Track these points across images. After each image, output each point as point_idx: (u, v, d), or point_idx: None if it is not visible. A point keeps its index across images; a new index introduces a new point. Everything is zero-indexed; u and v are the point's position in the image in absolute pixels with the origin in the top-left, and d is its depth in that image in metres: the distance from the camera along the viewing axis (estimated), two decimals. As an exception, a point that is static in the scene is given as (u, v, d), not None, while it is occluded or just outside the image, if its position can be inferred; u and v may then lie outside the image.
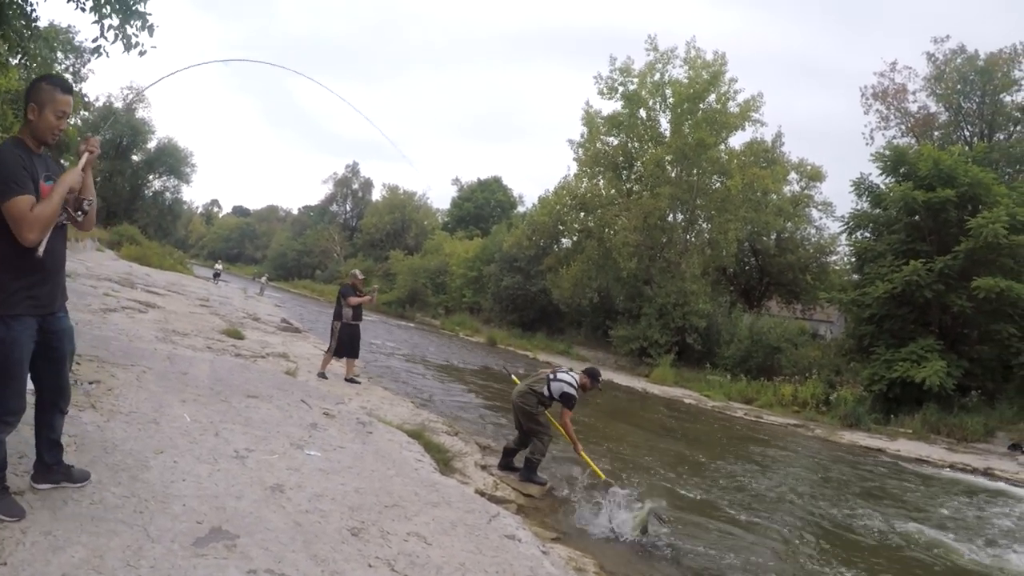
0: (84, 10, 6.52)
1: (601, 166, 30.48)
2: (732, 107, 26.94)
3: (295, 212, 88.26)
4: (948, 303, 16.90)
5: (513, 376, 9.07)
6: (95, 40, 6.61)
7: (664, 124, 28.81)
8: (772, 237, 30.95)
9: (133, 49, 6.64)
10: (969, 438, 15.21)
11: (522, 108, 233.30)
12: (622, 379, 22.03)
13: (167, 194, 54.48)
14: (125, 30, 6.61)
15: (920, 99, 26.74)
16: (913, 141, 25.30)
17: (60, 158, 3.14)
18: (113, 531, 2.88)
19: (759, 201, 27.05)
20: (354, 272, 10.19)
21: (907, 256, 17.55)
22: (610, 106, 30.21)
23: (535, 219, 34.32)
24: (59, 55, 20.78)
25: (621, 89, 28.57)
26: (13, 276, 2.65)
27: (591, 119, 30.12)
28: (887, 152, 19.87)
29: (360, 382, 9.66)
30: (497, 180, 57.39)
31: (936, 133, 26.09)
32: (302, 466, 4.52)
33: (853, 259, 22.04)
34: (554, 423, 6.95)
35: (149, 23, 6.65)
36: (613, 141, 30.40)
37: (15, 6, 7.06)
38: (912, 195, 17.28)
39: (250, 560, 2.95)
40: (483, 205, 54.44)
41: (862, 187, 20.32)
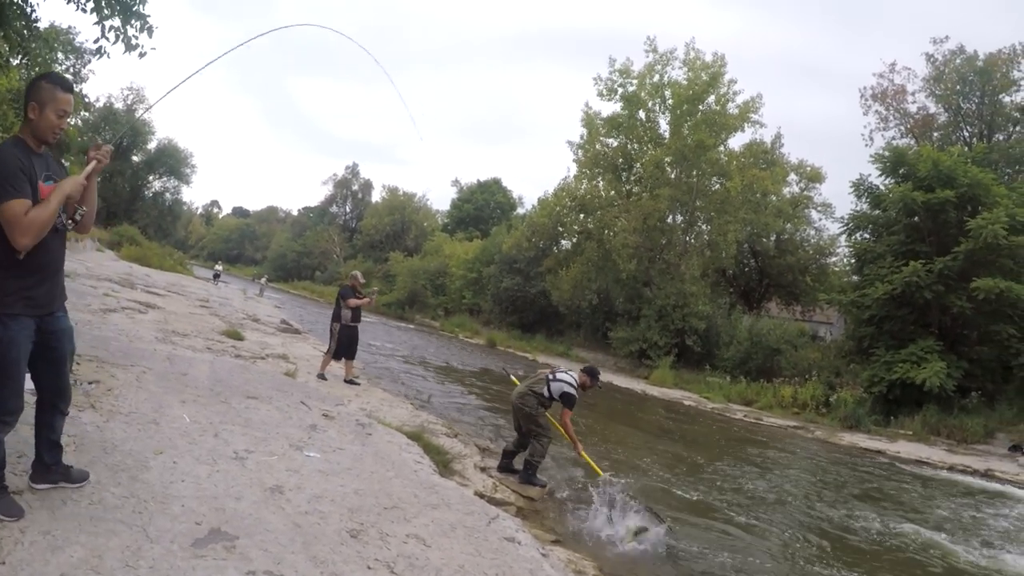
0: (85, 11, 6.53)
1: (601, 167, 30.50)
2: (731, 108, 26.95)
3: (295, 213, 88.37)
4: (948, 304, 16.90)
5: (512, 377, 9.07)
6: (96, 41, 6.63)
7: (663, 125, 28.87)
8: (772, 238, 30.93)
9: (133, 51, 6.65)
10: (969, 439, 15.21)
11: (522, 109, 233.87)
12: (621, 381, 22.02)
13: (167, 195, 54.62)
14: (126, 31, 6.62)
15: (919, 100, 26.81)
16: (912, 142, 25.31)
17: (60, 158, 3.11)
18: (112, 531, 2.88)
19: (759, 202, 27.06)
20: (354, 274, 10.18)
21: (907, 257, 17.55)
22: (609, 107, 30.27)
23: (535, 220, 34.33)
24: (59, 56, 20.81)
25: (620, 91, 28.60)
26: (11, 276, 2.64)
27: (590, 120, 30.14)
28: (886, 153, 19.88)
29: (359, 383, 9.66)
30: (497, 181, 57.43)
31: (935, 134, 26.10)
32: (301, 467, 4.51)
33: (853, 260, 22.03)
34: (554, 423, 6.94)
35: (149, 24, 6.66)
36: (612, 142, 30.43)
37: (15, 7, 7.07)
38: (911, 196, 17.28)
39: (249, 561, 2.95)
40: (483, 206, 54.44)
41: (861, 188, 20.33)
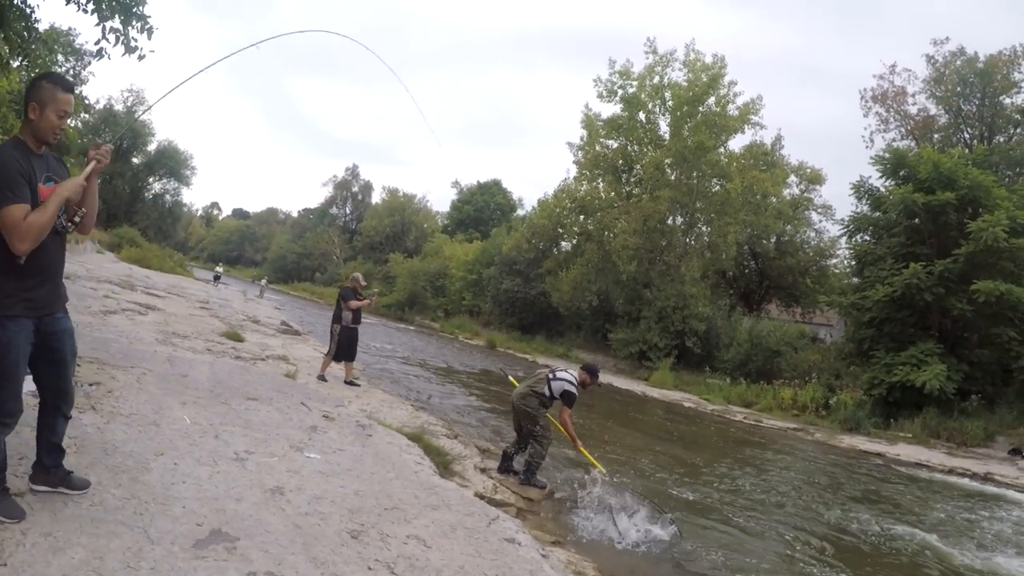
0: (86, 12, 6.53)
1: (600, 169, 30.52)
2: (731, 110, 26.96)
3: (295, 215, 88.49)
4: (948, 306, 16.89)
5: (510, 377, 9.07)
6: (97, 42, 6.63)
7: (663, 127, 28.88)
8: (772, 240, 30.94)
9: (133, 53, 6.65)
10: (969, 442, 15.18)
11: (522, 110, 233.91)
12: (621, 382, 22.01)
13: (167, 196, 54.74)
14: (127, 33, 6.63)
15: (920, 101, 26.80)
16: (913, 144, 25.31)
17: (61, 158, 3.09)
18: (113, 533, 2.88)
19: (759, 204, 27.07)
20: (355, 276, 10.19)
21: (907, 259, 17.54)
22: (609, 109, 30.32)
23: (534, 222, 34.35)
24: (59, 58, 20.84)
25: (620, 92, 28.62)
26: (10, 278, 2.62)
27: (590, 122, 30.15)
28: (887, 155, 19.88)
29: (360, 385, 9.66)
30: (497, 183, 57.45)
31: (936, 136, 26.09)
32: (302, 468, 4.51)
33: (853, 262, 22.02)
34: (553, 422, 6.96)
35: (149, 25, 6.66)
36: (612, 144, 30.45)
37: (15, 8, 7.08)
38: (912, 198, 17.27)
39: (250, 562, 2.95)
40: (483, 208, 54.46)
41: (862, 190, 20.33)
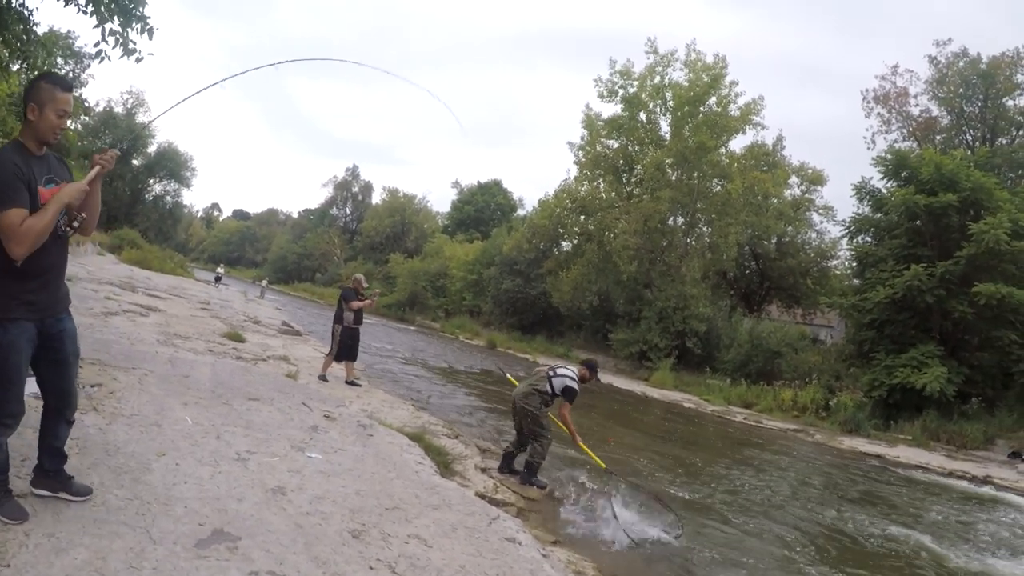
0: (85, 13, 6.53)
1: (601, 169, 30.52)
2: (733, 110, 26.97)
3: (295, 215, 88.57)
4: (949, 309, 16.85)
5: (508, 375, 9.08)
6: (96, 44, 6.64)
7: (664, 127, 28.91)
8: (773, 241, 30.95)
9: (131, 55, 6.65)
10: (969, 445, 15.15)
11: (522, 110, 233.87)
12: (622, 383, 22.01)
13: (167, 198, 54.73)
14: (127, 35, 6.63)
15: (922, 103, 26.81)
16: (915, 145, 25.30)
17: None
18: (115, 533, 2.89)
19: (760, 205, 27.08)
20: (357, 277, 10.22)
21: (908, 261, 17.50)
22: (610, 109, 30.30)
23: (535, 222, 34.36)
24: (59, 60, 20.88)
25: (621, 92, 28.64)
26: (11, 280, 2.61)
27: (591, 122, 30.16)
28: (888, 156, 19.87)
29: (361, 385, 9.67)
30: (497, 183, 57.49)
31: (938, 137, 26.08)
32: (303, 468, 4.53)
33: (854, 263, 21.99)
34: (553, 419, 6.99)
35: (149, 26, 6.67)
36: (613, 144, 30.46)
37: (14, 12, 7.08)
38: (913, 199, 17.25)
39: (252, 562, 2.96)
40: (483, 208, 54.49)
41: (863, 191, 20.31)
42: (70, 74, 27.27)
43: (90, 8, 6.51)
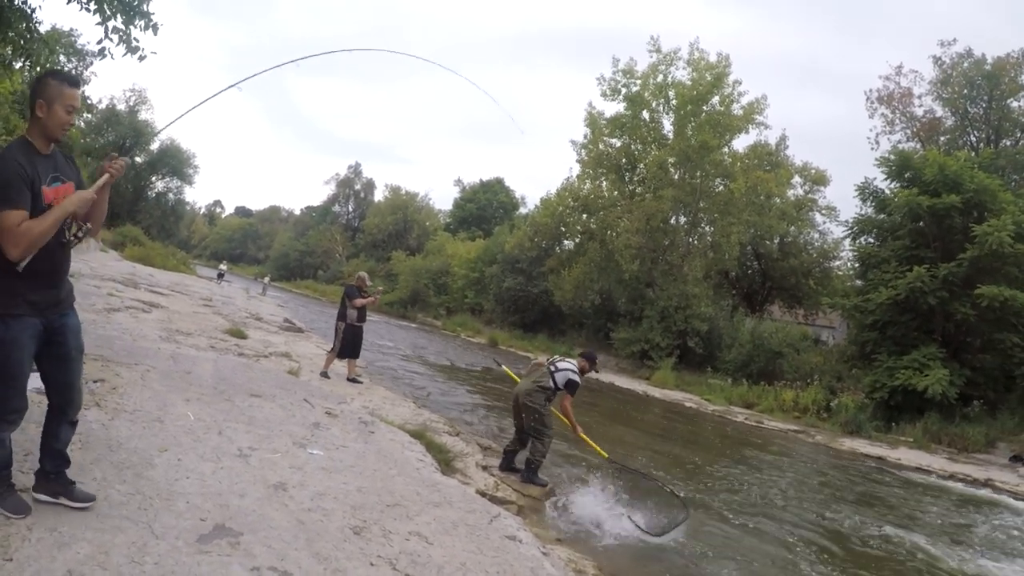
0: (88, 11, 6.53)
1: (604, 168, 30.49)
2: (736, 109, 26.93)
3: (297, 213, 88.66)
4: (952, 311, 16.79)
5: (505, 368, 9.08)
6: (99, 42, 6.64)
7: (667, 126, 28.87)
8: (775, 241, 30.91)
9: (134, 53, 6.65)
10: (970, 448, 15.08)
11: (523, 109, 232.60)
12: (623, 382, 22.01)
13: (170, 195, 54.72)
14: (129, 32, 6.63)
15: (926, 103, 26.75)
16: (919, 146, 25.26)
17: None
18: (118, 528, 2.91)
19: (762, 204, 27.04)
20: (361, 274, 10.23)
21: (911, 262, 17.44)
22: (613, 107, 30.31)
23: (537, 220, 34.36)
24: (61, 58, 20.89)
25: (624, 91, 28.61)
26: (14, 279, 2.59)
27: (594, 120, 30.13)
28: (892, 157, 19.80)
29: (362, 382, 9.69)
30: (499, 181, 57.50)
31: (942, 138, 26.01)
32: (305, 465, 4.54)
33: (856, 264, 21.96)
34: (555, 412, 7.01)
35: (153, 22, 6.67)
36: (616, 143, 30.42)
37: (17, 9, 7.08)
38: (917, 201, 17.19)
39: (253, 557, 2.97)
40: (485, 206, 54.50)
41: (867, 192, 20.25)
42: (73, 72, 27.29)
43: (93, 5, 6.52)
